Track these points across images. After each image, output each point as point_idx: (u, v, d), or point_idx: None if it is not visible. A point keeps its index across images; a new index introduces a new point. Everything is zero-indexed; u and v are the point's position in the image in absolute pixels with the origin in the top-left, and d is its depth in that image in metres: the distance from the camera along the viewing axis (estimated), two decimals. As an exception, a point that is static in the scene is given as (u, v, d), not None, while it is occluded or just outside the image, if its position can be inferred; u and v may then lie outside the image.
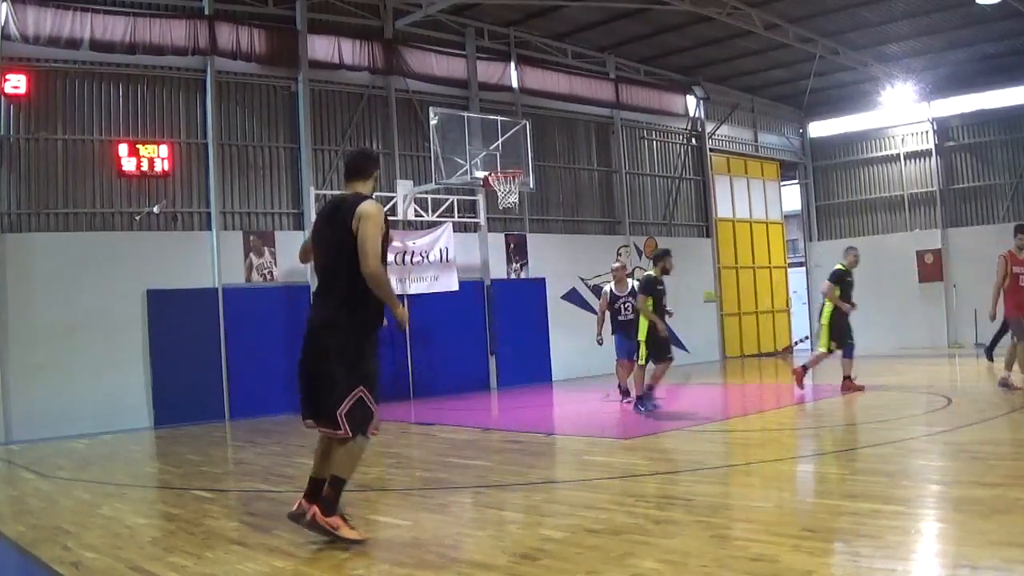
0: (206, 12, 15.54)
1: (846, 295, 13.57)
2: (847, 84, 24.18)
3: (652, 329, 12.25)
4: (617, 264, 14.75)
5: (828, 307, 13.66)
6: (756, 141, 26.01)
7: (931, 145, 24.55)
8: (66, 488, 9.01)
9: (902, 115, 24.46)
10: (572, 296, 20.49)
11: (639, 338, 12.43)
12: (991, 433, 9.26)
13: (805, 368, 13.76)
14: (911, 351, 22.39)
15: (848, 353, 13.70)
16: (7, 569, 6.08)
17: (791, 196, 27.84)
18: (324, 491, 5.72)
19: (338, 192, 16.26)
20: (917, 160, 24.97)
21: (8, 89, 13.71)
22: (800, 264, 27.76)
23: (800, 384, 13.70)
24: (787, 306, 26.23)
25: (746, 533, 5.69)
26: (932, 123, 24.41)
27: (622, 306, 13.87)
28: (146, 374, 14.54)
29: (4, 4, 13.55)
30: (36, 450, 12.10)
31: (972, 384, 14.70)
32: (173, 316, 14.74)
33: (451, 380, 17.43)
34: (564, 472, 9.09)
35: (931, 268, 24.15)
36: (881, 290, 24.54)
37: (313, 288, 15.61)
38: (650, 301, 12.30)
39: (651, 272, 12.69)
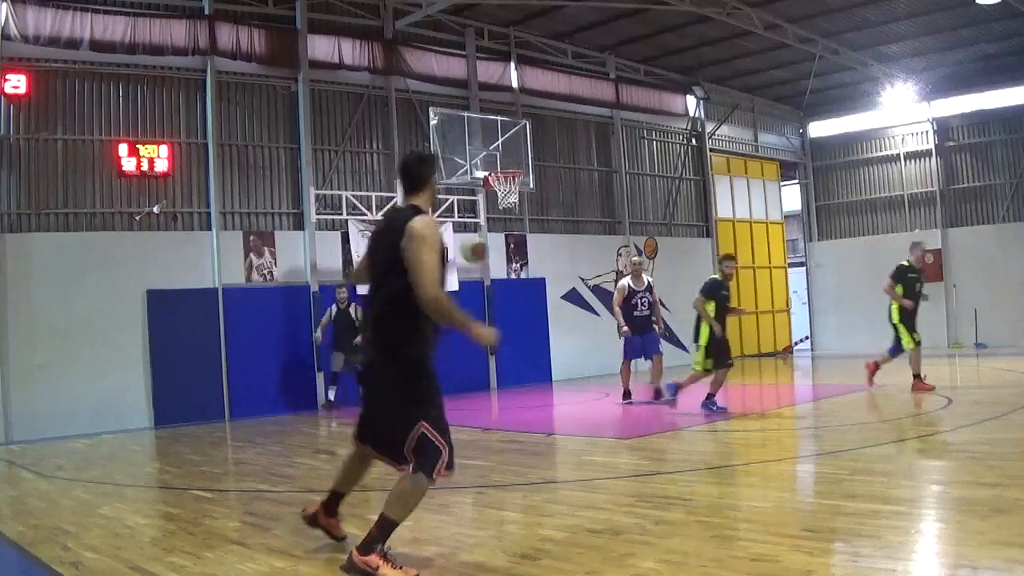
0: (206, 12, 15.54)
1: (909, 292, 13.42)
2: (847, 84, 24.18)
3: (712, 334, 12.11)
4: (637, 258, 14.65)
5: (895, 305, 13.48)
6: (756, 141, 26.01)
7: (931, 145, 24.54)
8: (66, 488, 9.01)
9: (902, 115, 24.45)
10: (572, 296, 20.49)
11: (700, 343, 12.25)
12: (991, 433, 9.26)
13: (916, 376, 13.28)
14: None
15: (894, 351, 13.65)
16: (7, 569, 6.08)
17: (791, 196, 27.84)
18: (369, 531, 5.12)
19: (387, 199, 16.44)
20: (917, 160, 24.96)
21: (8, 89, 13.71)
22: (800, 264, 27.76)
23: (926, 388, 13.03)
24: (787, 306, 26.23)
25: (746, 533, 5.69)
26: (932, 123, 24.40)
27: (639, 301, 13.77)
28: (146, 374, 14.53)
29: (4, 4, 13.55)
30: (36, 450, 12.10)
31: (972, 384, 14.70)
32: (173, 316, 14.73)
33: (451, 380, 17.25)
34: (564, 472, 9.09)
35: (931, 268, 24.10)
36: (881, 290, 24.52)
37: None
38: (712, 305, 12.20)
39: (716, 275, 12.58)
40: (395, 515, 5.11)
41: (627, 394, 14.03)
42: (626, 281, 14.05)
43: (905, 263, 13.66)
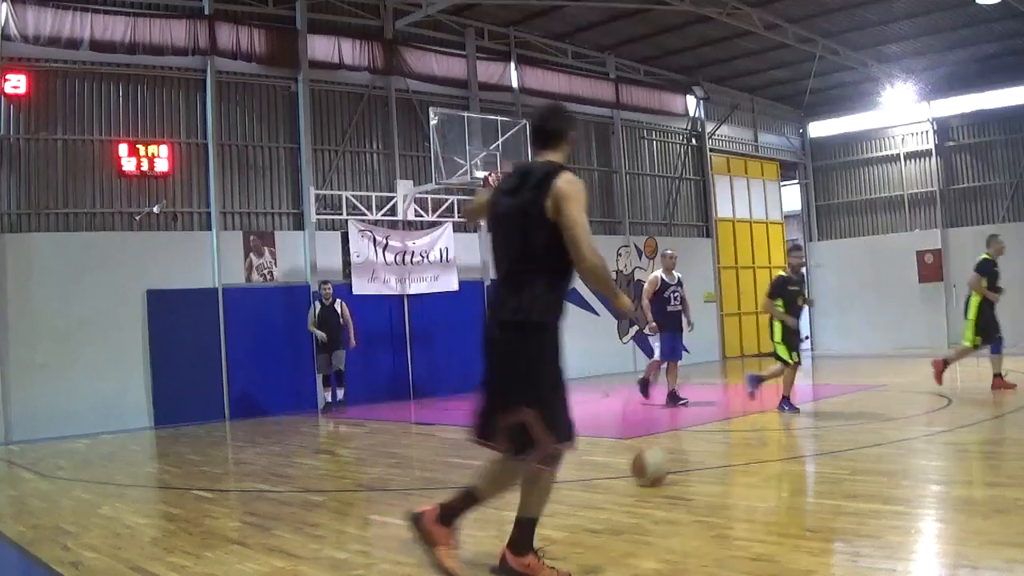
0: (206, 12, 15.54)
1: (992, 285, 13.02)
2: (847, 84, 24.17)
3: (786, 329, 11.95)
4: (670, 251, 14.20)
5: (975, 300, 13.02)
6: (756, 141, 26.00)
7: (931, 145, 24.54)
8: (66, 488, 9.01)
9: (902, 115, 24.45)
10: (572, 296, 20.41)
11: (775, 339, 12.03)
12: (991, 433, 9.27)
13: (946, 362, 12.94)
14: (911, 351, 22.40)
15: (996, 349, 13.03)
16: (7, 569, 6.08)
17: (791, 196, 27.82)
18: (512, 532, 4.81)
19: (517, 160, 16.11)
20: (917, 160, 24.96)
21: (8, 89, 13.71)
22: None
23: (940, 380, 12.75)
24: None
25: (746, 533, 5.69)
26: (932, 123, 24.40)
27: (672, 295, 13.21)
28: (146, 374, 14.53)
29: (4, 4, 13.54)
30: (36, 450, 12.10)
31: (972, 384, 14.68)
32: (173, 316, 14.73)
33: (451, 380, 17.41)
34: (564, 472, 9.02)
35: (931, 268, 24.14)
36: (881, 290, 24.59)
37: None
38: (780, 303, 12.04)
39: (781, 271, 12.41)
40: (533, 512, 4.80)
41: (677, 398, 13.23)
42: (658, 274, 13.50)
43: (987, 256, 13.21)
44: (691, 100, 23.94)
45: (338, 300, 15.35)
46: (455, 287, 17.54)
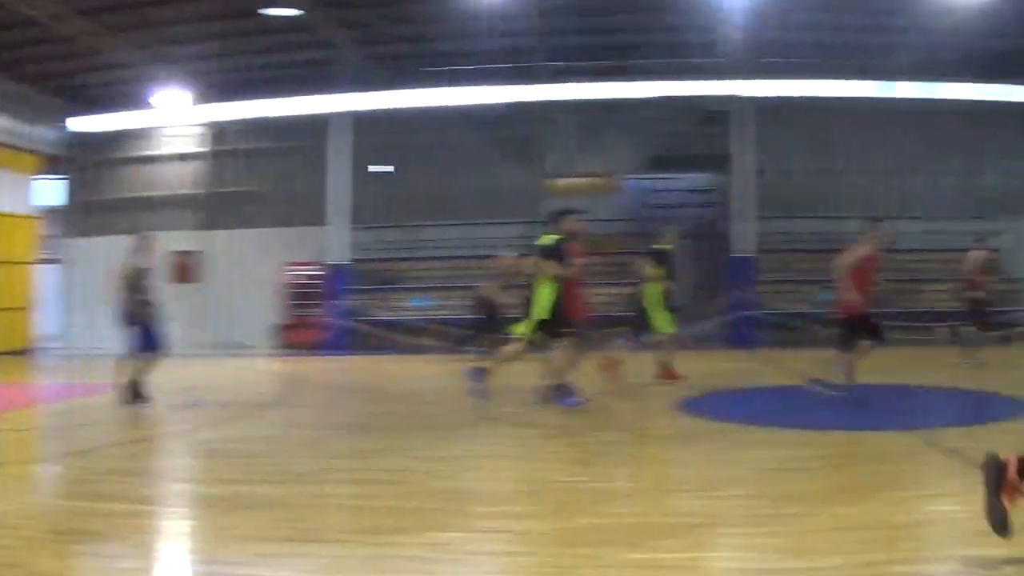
0: None
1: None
2: (123, 81, 23.55)
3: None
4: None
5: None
6: (13, 131, 23.93)
7: (203, 148, 25.30)
8: None
9: (178, 116, 24.41)
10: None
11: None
12: (239, 431, 9.79)
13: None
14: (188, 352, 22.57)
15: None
16: None
17: (52, 191, 26.29)
18: None
19: None
20: (188, 162, 25.47)
21: None
22: (53, 261, 26.21)
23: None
24: (30, 305, 24.60)
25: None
26: (205, 127, 25.15)
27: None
28: None
29: None
30: None
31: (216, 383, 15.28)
32: None
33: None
34: None
35: (188, 269, 24.47)
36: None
37: None
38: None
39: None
40: None
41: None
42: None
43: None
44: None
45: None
46: None
